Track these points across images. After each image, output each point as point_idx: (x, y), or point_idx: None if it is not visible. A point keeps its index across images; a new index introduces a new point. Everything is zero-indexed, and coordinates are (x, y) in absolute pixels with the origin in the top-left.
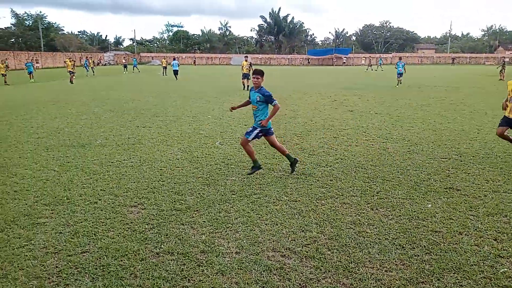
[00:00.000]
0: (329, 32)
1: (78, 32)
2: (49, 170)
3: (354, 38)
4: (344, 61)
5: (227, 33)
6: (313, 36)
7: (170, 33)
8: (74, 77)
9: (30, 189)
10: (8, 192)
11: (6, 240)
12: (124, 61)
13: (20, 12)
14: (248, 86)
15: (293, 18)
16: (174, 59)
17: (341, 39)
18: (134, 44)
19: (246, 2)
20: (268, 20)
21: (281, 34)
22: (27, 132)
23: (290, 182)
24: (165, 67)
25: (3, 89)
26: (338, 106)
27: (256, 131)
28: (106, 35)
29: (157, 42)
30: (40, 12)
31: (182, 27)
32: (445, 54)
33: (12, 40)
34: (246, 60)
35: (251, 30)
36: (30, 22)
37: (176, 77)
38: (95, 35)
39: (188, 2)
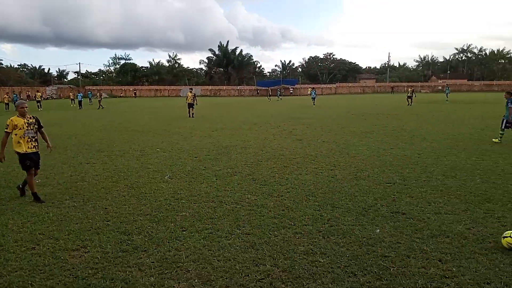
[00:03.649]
0: (276, 65)
1: (18, 65)
2: None
3: (300, 69)
4: (291, 91)
5: (176, 65)
6: (261, 68)
7: (117, 66)
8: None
9: None
10: None
11: None
12: (71, 94)
13: None
14: (193, 114)
15: (241, 50)
16: (79, 93)
17: (288, 71)
18: (79, 77)
19: (194, 36)
20: (217, 52)
21: (230, 66)
22: None
23: (243, 214)
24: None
25: None
26: (288, 135)
27: None
28: (49, 68)
29: (103, 75)
30: None
31: (130, 59)
32: (385, 84)
33: None
34: (190, 92)
35: (200, 63)
36: None
37: (79, 106)
38: (37, 68)
39: (136, 35)
